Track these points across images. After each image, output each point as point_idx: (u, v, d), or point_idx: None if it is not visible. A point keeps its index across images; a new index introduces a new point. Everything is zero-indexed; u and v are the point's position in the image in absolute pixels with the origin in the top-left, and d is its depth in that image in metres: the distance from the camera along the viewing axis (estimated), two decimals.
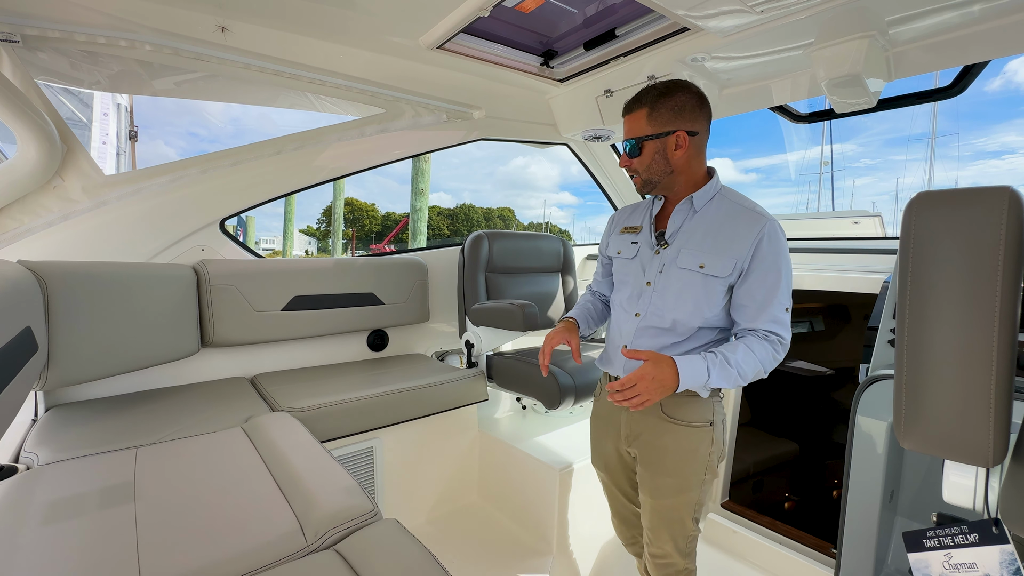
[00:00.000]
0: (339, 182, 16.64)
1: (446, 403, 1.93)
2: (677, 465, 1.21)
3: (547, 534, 1.79)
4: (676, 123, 1.17)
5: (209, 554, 0.88)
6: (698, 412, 1.21)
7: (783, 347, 1.15)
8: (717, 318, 1.20)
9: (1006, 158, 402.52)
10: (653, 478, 1.25)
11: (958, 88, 1.87)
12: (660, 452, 1.23)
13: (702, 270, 1.17)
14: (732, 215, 1.19)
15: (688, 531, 1.26)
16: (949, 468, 0.81)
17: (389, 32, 1.77)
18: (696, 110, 1.18)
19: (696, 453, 1.21)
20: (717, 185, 1.24)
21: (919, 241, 0.72)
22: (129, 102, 8.87)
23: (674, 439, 1.21)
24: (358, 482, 1.13)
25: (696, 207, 1.22)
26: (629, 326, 1.27)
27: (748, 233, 1.15)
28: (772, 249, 1.14)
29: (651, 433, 1.24)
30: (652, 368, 1.08)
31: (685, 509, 1.24)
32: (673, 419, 1.21)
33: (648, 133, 1.18)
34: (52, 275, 1.35)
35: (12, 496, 1.03)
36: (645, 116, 1.19)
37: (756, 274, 1.15)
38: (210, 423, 1.47)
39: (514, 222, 76.85)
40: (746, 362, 1.11)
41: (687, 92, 1.18)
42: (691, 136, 1.18)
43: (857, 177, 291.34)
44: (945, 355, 0.71)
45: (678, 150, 1.18)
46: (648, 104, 1.19)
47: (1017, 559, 0.74)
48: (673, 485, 1.22)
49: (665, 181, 1.22)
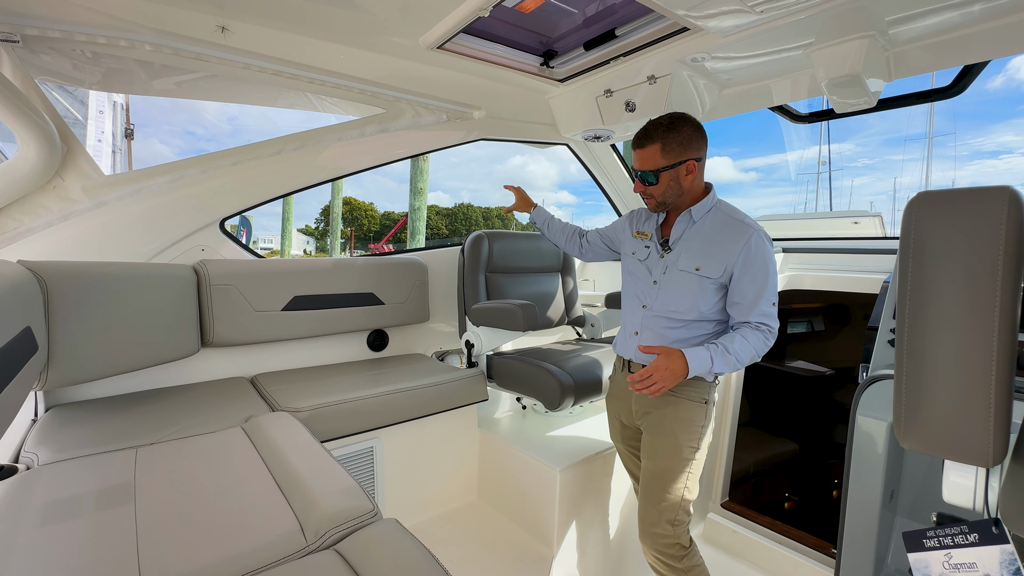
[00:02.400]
0: (338, 182, 16.62)
1: (446, 403, 1.93)
2: (673, 428, 1.43)
3: (547, 534, 1.79)
4: (686, 153, 1.38)
5: (209, 554, 0.88)
6: (696, 391, 1.43)
7: (772, 334, 1.38)
8: (711, 311, 1.43)
9: (1003, 158, 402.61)
10: (652, 440, 1.47)
11: (958, 88, 1.87)
12: (660, 418, 1.45)
13: (697, 272, 1.41)
14: (724, 226, 1.41)
15: (675, 499, 1.42)
16: (949, 468, 0.81)
17: (389, 32, 1.77)
18: (699, 139, 1.40)
19: (692, 423, 1.43)
20: (713, 199, 1.46)
21: (919, 241, 0.72)
22: (125, 100, 8.86)
23: (674, 409, 1.44)
24: (358, 482, 1.13)
25: (695, 218, 1.45)
26: (638, 315, 1.52)
27: (737, 242, 1.37)
28: (758, 255, 1.36)
29: (656, 405, 1.46)
30: (665, 360, 1.32)
31: (676, 473, 1.42)
32: (675, 393, 1.43)
33: (663, 165, 1.39)
34: (52, 275, 1.35)
35: (12, 496, 1.03)
36: (659, 150, 1.38)
37: (746, 276, 1.36)
38: (210, 423, 1.47)
39: (513, 222, 76.81)
40: (742, 349, 1.34)
41: (689, 125, 1.39)
42: (698, 162, 1.40)
43: (855, 177, 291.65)
44: (945, 355, 0.71)
45: (688, 175, 1.40)
46: (660, 139, 1.38)
47: (1017, 559, 0.74)
48: (668, 446, 1.43)
49: (675, 202, 1.45)
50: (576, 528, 1.81)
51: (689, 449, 1.42)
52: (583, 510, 1.83)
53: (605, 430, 2.09)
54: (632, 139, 1.44)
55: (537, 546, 1.80)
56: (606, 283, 3.28)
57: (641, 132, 1.42)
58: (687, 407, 1.43)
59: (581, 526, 1.83)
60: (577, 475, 1.81)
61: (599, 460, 1.88)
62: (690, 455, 1.42)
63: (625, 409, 1.58)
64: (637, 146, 1.42)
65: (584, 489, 1.84)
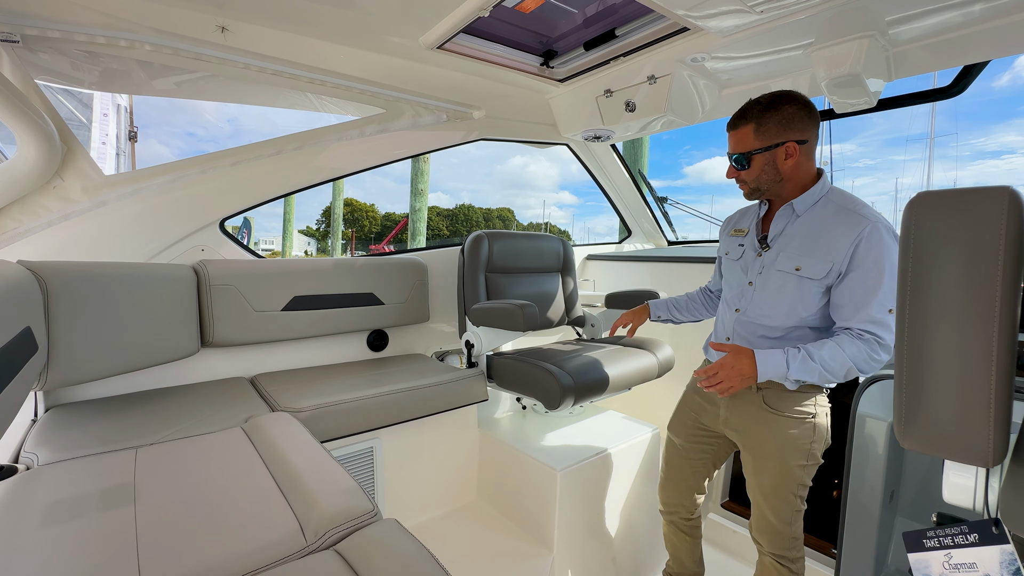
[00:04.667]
0: (338, 182, 16.64)
1: (446, 403, 1.93)
2: (777, 450, 1.30)
3: (547, 534, 1.78)
4: (785, 135, 1.23)
5: (209, 554, 0.88)
6: (797, 405, 1.29)
7: (881, 347, 1.16)
8: (813, 318, 1.26)
9: (1006, 158, 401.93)
10: (755, 460, 1.35)
11: (958, 88, 1.87)
12: (762, 439, 1.33)
13: (798, 272, 1.24)
14: (833, 218, 1.23)
15: (790, 505, 1.33)
16: (949, 468, 0.81)
17: (389, 32, 1.77)
18: (805, 119, 1.23)
19: (796, 442, 1.29)
20: (823, 188, 1.28)
21: (919, 241, 0.72)
22: (129, 102, 8.86)
23: (772, 429, 1.31)
24: (358, 482, 1.13)
25: (797, 211, 1.28)
26: (729, 320, 1.40)
27: (847, 236, 1.18)
28: (872, 251, 1.15)
29: (753, 421, 1.34)
30: (732, 359, 1.23)
31: (785, 487, 1.32)
32: (774, 410, 1.30)
33: (756, 147, 1.25)
34: (52, 275, 1.35)
35: (11, 496, 1.03)
36: (752, 131, 1.25)
37: (854, 274, 1.17)
38: (210, 423, 1.47)
39: (513, 222, 76.79)
40: (833, 358, 1.15)
41: (794, 104, 1.23)
42: (800, 145, 1.24)
43: (856, 177, 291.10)
44: (945, 355, 0.71)
45: (788, 159, 1.24)
46: (755, 119, 1.25)
47: (1017, 559, 0.74)
48: (773, 468, 1.32)
49: (774, 188, 1.30)
50: (576, 528, 1.81)
51: (798, 467, 1.30)
52: (583, 510, 1.83)
53: (605, 430, 2.09)
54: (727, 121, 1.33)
55: (537, 546, 1.79)
56: (606, 283, 3.28)
57: (737, 112, 1.30)
58: (787, 425, 1.28)
59: (581, 526, 1.83)
60: (577, 475, 1.81)
61: (599, 460, 1.88)
62: (799, 471, 1.30)
63: (711, 413, 1.46)
64: (731, 127, 1.31)
65: (584, 489, 1.83)
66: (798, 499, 1.33)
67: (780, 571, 1.37)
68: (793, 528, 1.35)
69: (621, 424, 2.17)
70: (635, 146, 4.72)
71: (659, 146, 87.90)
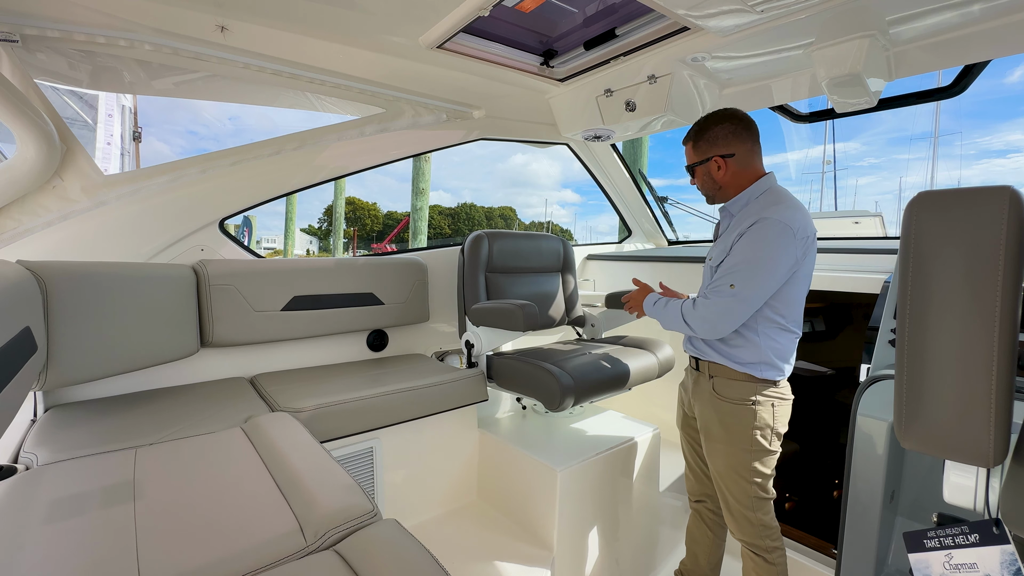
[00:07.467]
0: (340, 181, 16.63)
1: (446, 403, 1.93)
2: (723, 433, 1.44)
3: (547, 534, 1.78)
4: (712, 150, 1.44)
5: (209, 554, 0.88)
6: (740, 392, 1.41)
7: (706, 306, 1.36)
8: None
9: (1011, 157, 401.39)
10: (707, 444, 1.50)
11: (959, 88, 1.87)
12: (710, 422, 1.47)
13: (709, 263, 1.46)
14: (747, 216, 1.38)
15: (744, 489, 1.42)
16: (950, 468, 0.81)
17: (389, 32, 1.77)
18: (729, 136, 1.43)
19: (738, 425, 1.41)
20: (755, 192, 1.43)
21: (920, 241, 0.72)
22: (133, 103, 8.87)
23: (721, 412, 1.44)
24: (358, 482, 1.13)
25: (732, 212, 1.47)
26: None
27: (740, 230, 1.35)
28: (749, 240, 1.32)
29: (705, 407, 1.49)
30: (637, 293, 1.64)
31: (734, 469, 1.43)
32: (720, 396, 1.44)
33: (695, 161, 1.49)
34: (52, 275, 1.35)
35: (11, 496, 1.03)
36: (691, 148, 1.50)
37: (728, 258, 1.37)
38: (210, 423, 1.47)
39: (515, 221, 76.73)
40: (672, 308, 1.45)
41: (721, 124, 1.43)
42: (727, 158, 1.43)
43: (860, 176, 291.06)
44: (946, 355, 0.71)
45: (720, 171, 1.44)
46: (691, 139, 1.49)
47: (1018, 559, 0.74)
48: (721, 450, 1.45)
49: (718, 194, 1.50)
50: (576, 528, 1.81)
51: (743, 451, 1.40)
52: (583, 510, 1.83)
53: (605, 430, 2.10)
54: None
55: (537, 546, 1.79)
56: (606, 283, 3.28)
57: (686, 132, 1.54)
58: (730, 410, 1.42)
59: (581, 526, 1.83)
60: (577, 475, 1.80)
61: (599, 460, 1.88)
62: (745, 455, 1.40)
63: (687, 399, 1.64)
64: (684, 143, 1.55)
65: (584, 489, 1.83)
66: (753, 485, 1.42)
67: (755, 560, 1.46)
68: (759, 515, 1.43)
69: (621, 424, 2.17)
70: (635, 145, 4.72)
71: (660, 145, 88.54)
